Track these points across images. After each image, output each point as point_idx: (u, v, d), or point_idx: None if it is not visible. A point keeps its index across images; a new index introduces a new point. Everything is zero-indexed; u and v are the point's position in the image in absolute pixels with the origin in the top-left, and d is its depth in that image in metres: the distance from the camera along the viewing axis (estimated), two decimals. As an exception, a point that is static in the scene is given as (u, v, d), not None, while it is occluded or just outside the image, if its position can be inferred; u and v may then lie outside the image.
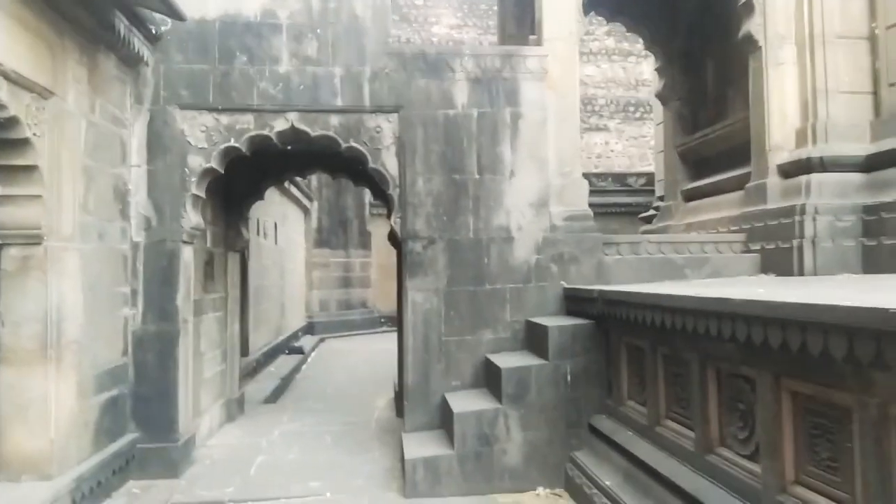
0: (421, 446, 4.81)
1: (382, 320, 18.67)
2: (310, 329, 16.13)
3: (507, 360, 4.93)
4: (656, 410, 3.83)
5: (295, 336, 14.15)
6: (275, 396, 8.69)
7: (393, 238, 7.44)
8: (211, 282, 6.48)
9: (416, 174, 5.36)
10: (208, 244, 6.37)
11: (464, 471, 4.57)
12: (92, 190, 4.51)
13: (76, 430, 4.20)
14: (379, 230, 19.02)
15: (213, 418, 6.40)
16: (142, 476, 4.95)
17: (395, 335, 17.84)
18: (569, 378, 4.68)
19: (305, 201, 15.66)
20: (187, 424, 5.34)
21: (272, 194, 11.75)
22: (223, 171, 5.48)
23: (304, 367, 11.85)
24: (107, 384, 4.64)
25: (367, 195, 18.34)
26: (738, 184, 6.31)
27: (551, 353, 4.68)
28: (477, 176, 5.41)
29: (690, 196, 7.39)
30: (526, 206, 5.45)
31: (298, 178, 13.92)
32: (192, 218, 5.26)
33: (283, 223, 13.03)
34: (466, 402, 4.87)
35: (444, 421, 5.16)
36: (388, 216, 7.02)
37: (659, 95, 7.84)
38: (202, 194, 5.40)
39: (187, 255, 5.35)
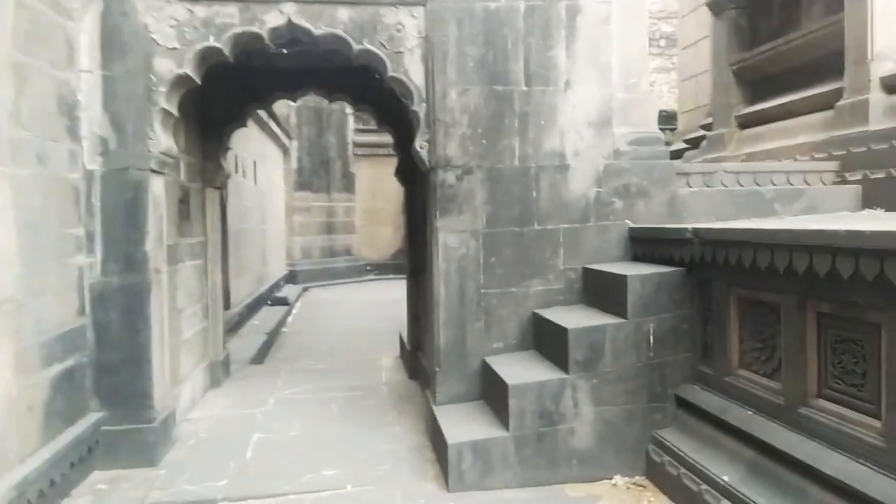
0: (463, 425, 3.85)
1: (368, 268, 17.63)
2: (292, 278, 15.04)
3: (567, 318, 3.95)
4: (801, 385, 2.89)
5: (277, 286, 13.07)
6: (262, 355, 7.67)
7: (404, 173, 6.36)
8: (187, 223, 5.35)
9: (447, 84, 4.24)
10: (182, 178, 5.20)
11: (522, 457, 3.63)
12: (26, 95, 3.33)
13: (16, 417, 3.14)
14: (363, 171, 17.76)
15: (196, 385, 5.37)
16: (110, 465, 3.93)
17: (384, 284, 16.94)
18: (651, 339, 3.72)
19: (285, 139, 14.35)
20: (165, 398, 4.30)
21: (251, 129, 10.48)
22: (200, 82, 4.30)
23: (289, 319, 10.82)
24: (58, 353, 3.56)
25: (351, 133, 17.05)
26: (820, 104, 5.30)
27: (631, 309, 3.70)
28: (524, 87, 4.31)
29: (748, 122, 6.37)
30: (584, 126, 4.39)
31: (277, 112, 12.60)
32: (162, 140, 4.10)
33: (262, 162, 11.78)
34: (518, 370, 3.89)
35: (486, 391, 4.21)
36: (399, 146, 5.90)
37: (711, 4, 6.72)
38: (174, 110, 4.22)
39: (157, 187, 4.20)
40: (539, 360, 4.07)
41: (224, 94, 5.93)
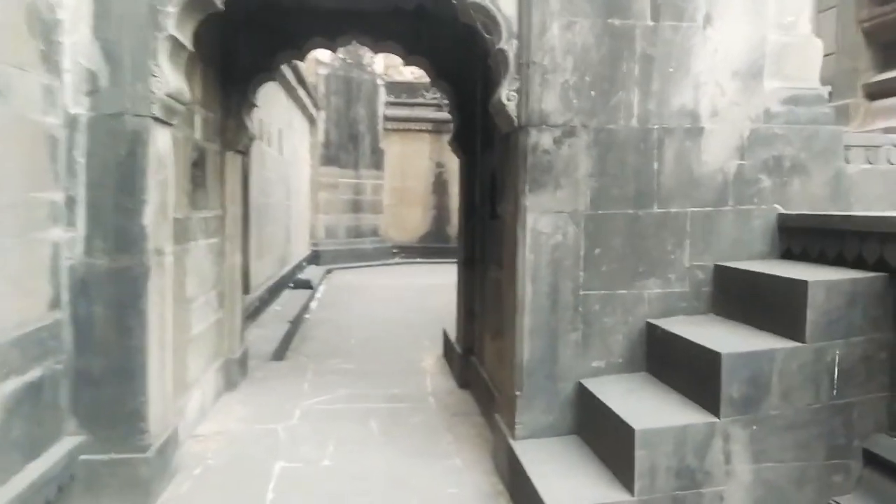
0: (561, 477, 2.83)
1: (395, 251, 16.66)
2: (315, 258, 14.11)
3: (705, 334, 2.90)
4: None
5: (300, 267, 12.13)
6: (284, 348, 6.72)
7: (462, 140, 5.31)
8: (202, 193, 4.35)
9: (548, 15, 3.17)
10: (197, 136, 4.21)
11: (651, 529, 2.60)
12: (-28, -1, 2.33)
13: (-57, 459, 2.18)
14: (393, 148, 16.70)
15: (207, 390, 4.41)
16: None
17: (413, 269, 15.77)
18: (836, 372, 2.66)
19: (312, 108, 13.34)
20: (164, 415, 3.32)
21: (277, 93, 9.48)
22: (222, 7, 3.27)
23: (313, 305, 9.87)
24: (16, 363, 2.59)
25: (381, 106, 15.98)
26: None
27: (811, 329, 2.64)
28: (650, 21, 3.24)
29: (880, 92, 5.23)
30: (726, 76, 3.31)
31: (304, 78, 11.57)
32: (170, 79, 3.08)
33: (289, 131, 10.78)
34: (636, 404, 2.86)
35: (583, 424, 3.19)
36: (458, 108, 4.80)
37: (839, -53, 5.55)
38: (186, 41, 3.20)
39: (162, 142, 3.20)
40: (660, 390, 3.03)
41: (250, 40, 4.91)
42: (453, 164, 17.11)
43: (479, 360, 4.91)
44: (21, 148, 2.63)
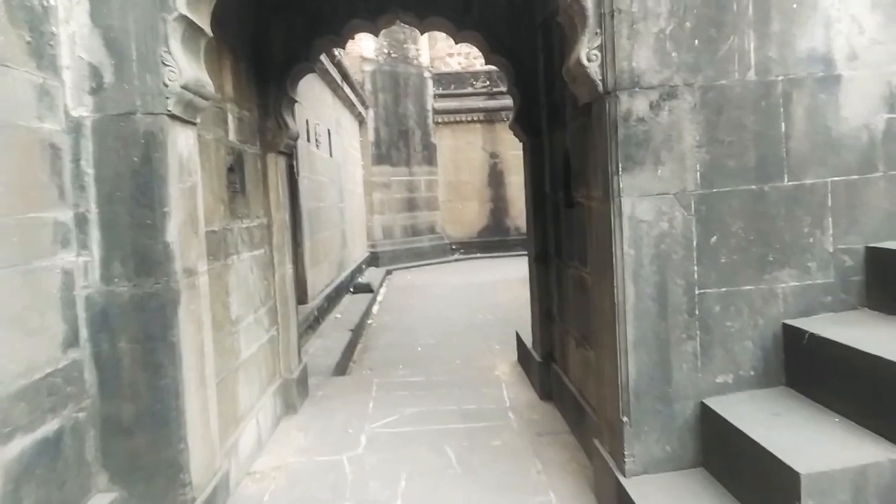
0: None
1: (453, 247, 16.16)
2: (373, 260, 13.74)
3: (876, 340, 2.24)
4: None
5: (359, 270, 11.76)
6: (346, 360, 6.28)
7: (526, 120, 4.71)
8: (242, 200, 3.91)
9: (634, -50, 2.56)
10: (232, 136, 3.76)
11: None
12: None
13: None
14: (444, 141, 16.16)
15: (263, 419, 3.97)
16: (129, 573, 2.54)
17: (472, 265, 15.09)
18: None
19: (360, 107, 12.94)
20: (209, 463, 2.87)
21: (323, 92, 9.07)
22: (242, -19, 2.78)
23: (374, 309, 9.46)
24: (26, 418, 2.16)
25: (430, 99, 15.48)
26: None
27: None
28: (765, -55, 2.58)
29: None
30: (864, 8, 2.62)
31: (350, 75, 11.15)
32: (185, 68, 2.60)
33: (337, 132, 10.38)
34: (785, 432, 2.23)
35: (711, 453, 2.57)
36: (519, 84, 4.19)
37: None
38: (203, 23, 2.73)
39: (183, 143, 2.73)
40: (813, 412, 2.38)
41: (284, 27, 4.44)
42: (509, 153, 16.54)
43: (561, 367, 4.32)
44: (10, 160, 2.20)
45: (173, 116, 2.62)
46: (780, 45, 2.60)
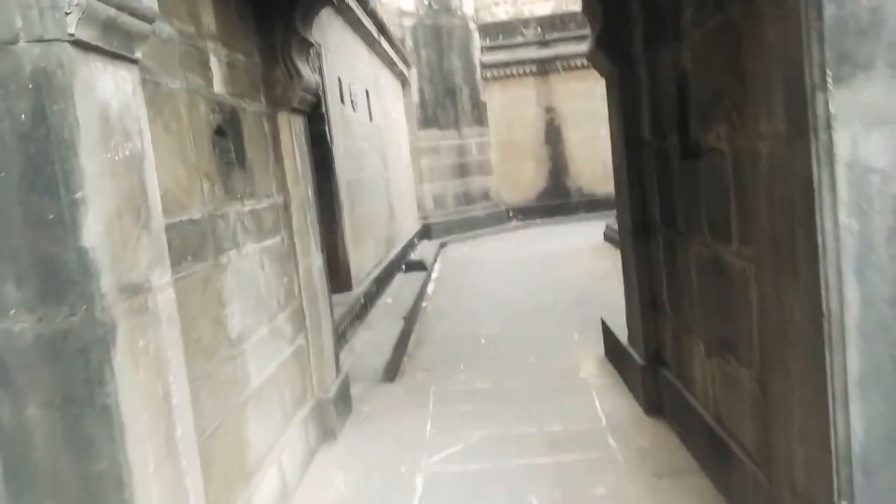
0: None
1: (510, 214, 15.00)
2: (426, 233, 12.76)
3: None
4: None
5: (410, 245, 10.79)
6: (398, 359, 5.33)
7: (611, 44, 3.55)
8: (241, 174, 2.92)
9: None
10: (218, 87, 2.75)
11: None
12: None
13: None
14: (494, 98, 14.87)
15: (290, 460, 3.03)
16: None
17: (532, 233, 13.63)
18: None
19: (402, 65, 11.83)
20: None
21: (357, 46, 8.01)
22: None
23: (429, 289, 8.48)
24: None
25: (477, 53, 14.21)
26: None
27: None
28: None
29: None
30: None
31: (387, 27, 10.04)
32: (100, -34, 1.58)
33: (376, 92, 9.33)
34: None
35: None
36: None
37: None
38: None
39: (107, 87, 1.72)
40: None
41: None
42: (566, 106, 15.15)
43: (677, 375, 3.23)
44: None
45: (82, 45, 1.61)
46: None
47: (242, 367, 2.69)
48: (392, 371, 4.98)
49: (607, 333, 4.51)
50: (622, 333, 4.09)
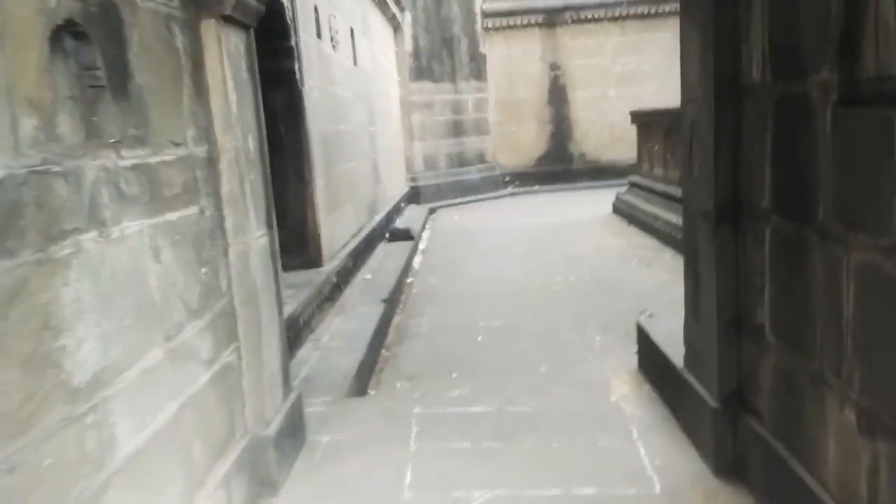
0: None
1: (507, 179, 13.85)
2: (414, 197, 11.63)
3: None
4: None
5: (396, 210, 9.66)
6: (373, 360, 4.29)
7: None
8: (117, 107, 1.78)
9: None
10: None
11: None
12: None
13: None
14: (495, 51, 13.56)
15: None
16: None
17: (531, 200, 12.13)
18: None
19: (394, 7, 10.51)
20: None
21: (340, -26, 6.74)
22: None
23: (415, 262, 7.40)
24: None
25: (478, 0, 12.87)
26: None
27: None
28: None
29: None
30: None
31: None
32: None
33: (364, 34, 8.07)
34: None
35: None
36: None
37: None
38: None
39: None
40: None
41: None
42: (573, 63, 13.86)
43: (779, 435, 2.18)
44: None
45: None
46: None
47: (100, 429, 1.61)
48: (364, 377, 3.93)
49: (646, 343, 3.45)
50: (673, 349, 3.04)
